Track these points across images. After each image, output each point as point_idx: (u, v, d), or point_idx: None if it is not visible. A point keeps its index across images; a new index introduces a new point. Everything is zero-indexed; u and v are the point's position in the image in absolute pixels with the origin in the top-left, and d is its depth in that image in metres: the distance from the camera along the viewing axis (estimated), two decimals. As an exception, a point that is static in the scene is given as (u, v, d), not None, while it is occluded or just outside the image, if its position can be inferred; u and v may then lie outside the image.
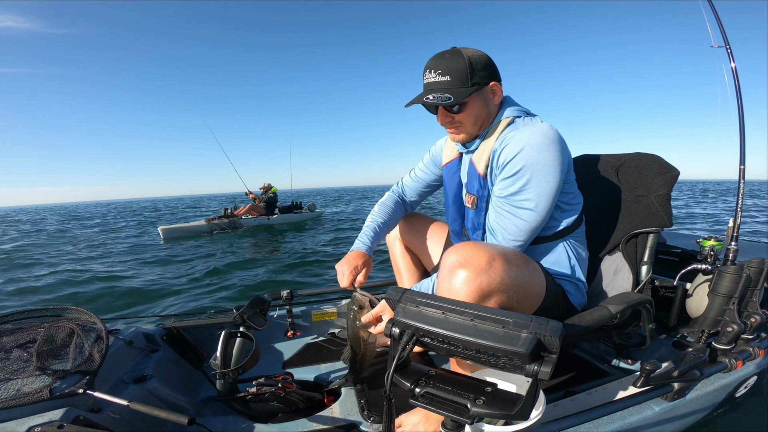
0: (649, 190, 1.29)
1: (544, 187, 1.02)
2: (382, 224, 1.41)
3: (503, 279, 0.88)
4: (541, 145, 1.00)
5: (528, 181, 1.02)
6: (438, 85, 1.07)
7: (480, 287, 0.86)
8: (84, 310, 1.24)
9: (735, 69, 1.37)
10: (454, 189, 1.31)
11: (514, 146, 1.02)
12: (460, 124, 1.14)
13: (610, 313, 1.05)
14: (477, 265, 0.87)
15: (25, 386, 0.99)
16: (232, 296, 4.10)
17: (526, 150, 1.00)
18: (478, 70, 1.07)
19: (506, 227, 1.06)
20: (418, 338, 0.77)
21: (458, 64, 1.05)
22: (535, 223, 1.05)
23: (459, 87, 1.06)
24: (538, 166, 1.01)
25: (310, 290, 1.87)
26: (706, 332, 1.28)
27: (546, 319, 0.68)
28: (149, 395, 1.21)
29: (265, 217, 11.45)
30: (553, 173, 1.02)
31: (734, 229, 1.31)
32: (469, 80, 1.06)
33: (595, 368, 1.39)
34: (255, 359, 1.25)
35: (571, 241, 1.18)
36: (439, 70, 1.06)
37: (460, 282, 0.87)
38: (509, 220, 1.06)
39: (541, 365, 0.67)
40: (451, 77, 1.05)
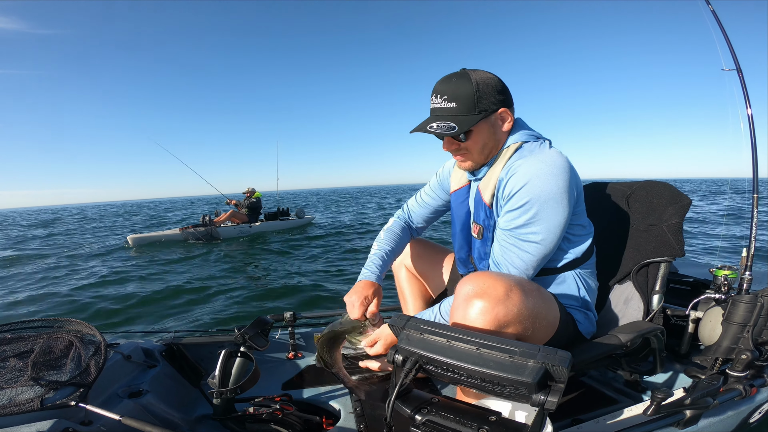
0: (660, 219, 1.27)
1: (552, 220, 0.98)
2: (389, 252, 1.35)
3: (520, 310, 0.86)
4: (549, 176, 0.96)
5: (535, 214, 0.98)
6: (443, 111, 1.03)
7: (497, 318, 0.83)
8: (85, 323, 1.23)
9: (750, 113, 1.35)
10: (462, 217, 1.27)
11: (521, 177, 0.98)
12: (466, 151, 1.09)
13: (620, 342, 1.03)
14: (494, 295, 0.84)
15: (17, 396, 0.98)
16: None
17: (533, 182, 0.96)
18: (486, 96, 1.02)
19: (512, 261, 1.03)
20: (421, 365, 0.75)
21: (465, 89, 1.00)
22: (540, 257, 1.02)
23: (465, 114, 1.01)
24: (545, 199, 0.96)
25: (314, 313, 1.85)
26: (720, 360, 1.25)
27: (554, 349, 0.66)
28: (143, 410, 1.18)
29: (246, 225, 10.41)
30: (561, 205, 0.97)
31: (748, 258, 1.30)
32: (476, 107, 1.01)
33: (604, 395, 1.35)
34: (254, 379, 1.22)
35: (580, 271, 1.15)
36: (446, 95, 1.02)
37: (476, 312, 0.84)
38: (514, 254, 1.02)
39: (548, 395, 0.64)
40: (458, 104, 1.01)
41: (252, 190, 10.99)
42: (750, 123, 1.34)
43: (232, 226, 10.22)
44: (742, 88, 1.38)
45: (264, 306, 4.29)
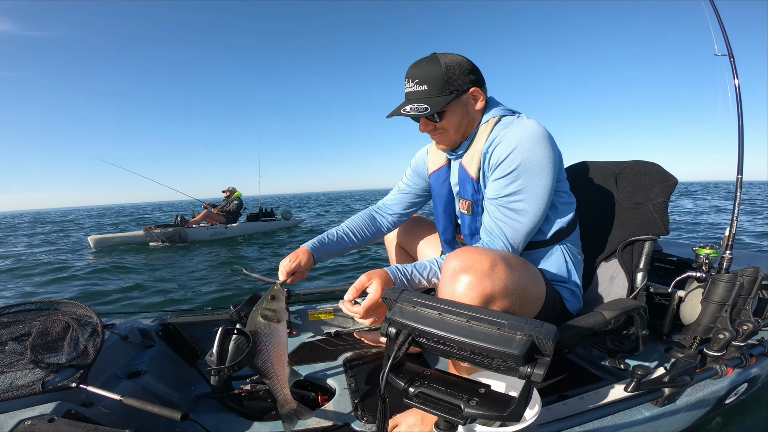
0: (647, 198, 1.30)
1: (539, 186, 1.02)
2: (342, 232, 1.35)
3: (506, 284, 0.88)
4: (533, 143, 1.00)
5: (522, 182, 1.02)
6: (416, 95, 1.07)
7: (483, 292, 0.86)
8: (80, 304, 1.24)
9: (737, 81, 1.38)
10: (444, 197, 1.30)
11: (506, 145, 1.02)
12: (442, 130, 1.13)
13: (604, 319, 1.06)
14: (480, 269, 0.86)
15: (18, 379, 0.99)
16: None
17: (518, 149, 1.00)
18: (456, 77, 1.06)
19: (504, 230, 1.06)
20: (414, 338, 0.77)
21: (435, 72, 1.04)
22: (531, 224, 1.05)
23: (437, 96, 1.05)
24: (531, 165, 1.00)
25: (307, 290, 1.87)
26: (698, 339, 1.29)
27: (540, 322, 0.69)
28: (143, 390, 1.20)
29: (222, 227, 9.45)
30: (546, 172, 1.02)
31: (729, 238, 1.33)
32: (447, 88, 1.05)
33: (588, 373, 1.40)
34: (251, 356, 1.25)
35: (567, 244, 1.18)
36: (417, 79, 1.06)
37: (463, 287, 0.86)
38: (505, 223, 1.06)
39: (534, 367, 0.67)
40: (429, 86, 1.05)
41: (232, 189, 10.14)
42: (737, 97, 1.36)
43: (205, 227, 9.35)
44: (732, 70, 1.41)
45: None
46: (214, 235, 9.37)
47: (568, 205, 1.17)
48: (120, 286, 4.71)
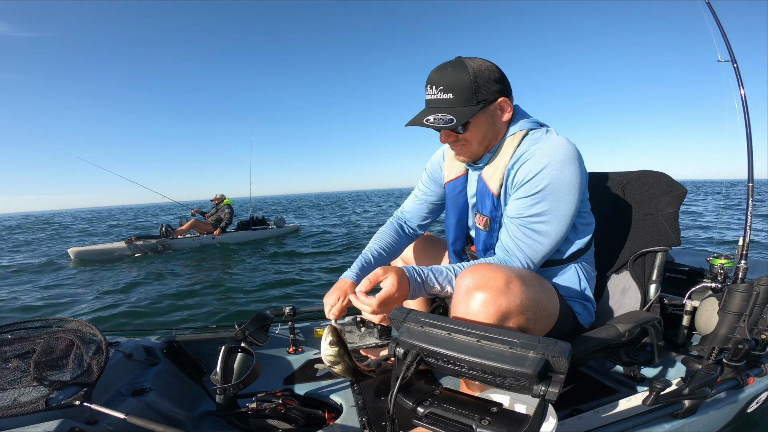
0: (656, 209, 1.28)
1: (564, 209, 0.98)
2: (376, 253, 1.29)
3: (522, 300, 0.85)
4: (564, 164, 0.94)
5: (548, 203, 0.97)
6: (440, 103, 0.98)
7: (499, 309, 0.83)
8: (85, 322, 1.23)
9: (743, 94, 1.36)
10: (459, 208, 1.24)
11: (535, 163, 0.95)
12: (465, 143, 1.05)
13: (618, 332, 1.04)
14: (495, 286, 0.84)
15: (21, 396, 0.98)
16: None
17: (548, 169, 0.94)
18: (484, 85, 0.97)
19: (523, 249, 1.01)
20: (422, 358, 0.75)
21: (462, 79, 0.96)
22: (551, 246, 1.02)
23: (463, 106, 0.97)
24: (559, 187, 0.95)
25: (313, 307, 1.85)
26: (716, 349, 1.26)
27: (554, 340, 0.67)
28: (147, 408, 1.19)
29: (209, 236, 8.91)
30: (573, 194, 0.97)
31: (743, 247, 1.31)
32: (474, 98, 0.97)
33: (603, 386, 1.36)
34: (255, 375, 1.23)
35: (582, 263, 1.15)
36: (441, 86, 0.97)
37: (478, 305, 0.83)
38: (526, 244, 1.01)
39: (548, 386, 0.65)
40: (455, 95, 0.96)
41: (221, 196, 9.55)
42: (744, 107, 1.35)
43: (191, 237, 8.78)
44: (737, 78, 1.39)
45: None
46: (201, 244, 8.78)
47: (587, 225, 1.13)
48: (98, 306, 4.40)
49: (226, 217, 9.35)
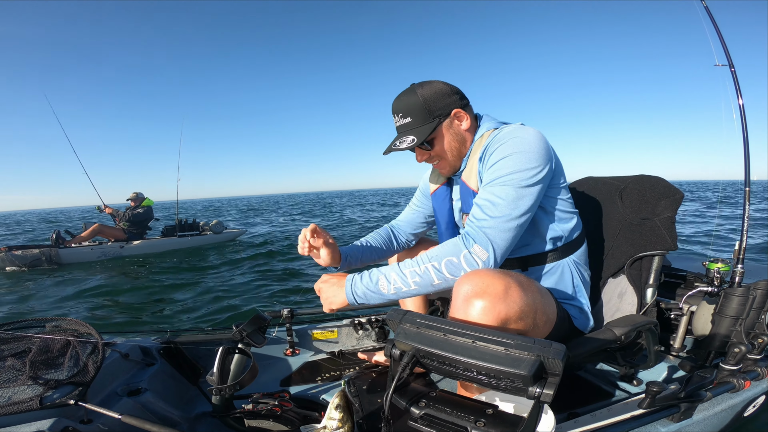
0: (653, 213, 1.28)
1: (533, 169, 0.97)
2: (366, 244, 1.38)
3: (521, 306, 0.86)
4: (529, 134, 1.00)
5: (515, 162, 0.97)
6: (403, 128, 1.11)
7: (498, 316, 0.83)
8: (81, 322, 1.23)
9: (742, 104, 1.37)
10: (446, 215, 1.30)
11: (500, 140, 1.01)
12: (438, 158, 1.15)
13: (614, 336, 1.04)
14: (494, 293, 0.83)
15: (16, 395, 0.98)
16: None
17: (512, 140, 1.00)
18: (434, 102, 1.08)
19: (487, 209, 0.97)
20: (418, 359, 0.75)
21: (413, 102, 1.08)
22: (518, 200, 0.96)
23: (421, 125, 1.08)
24: (524, 149, 0.98)
25: (311, 309, 1.85)
26: (713, 353, 1.27)
27: (549, 342, 0.67)
28: (142, 409, 1.19)
29: (116, 245, 7.26)
30: (539, 157, 0.98)
31: (740, 251, 1.31)
32: (429, 115, 1.08)
33: (599, 389, 1.36)
34: (252, 376, 1.23)
35: (574, 260, 1.16)
36: (400, 112, 1.10)
37: (477, 312, 0.83)
38: (490, 201, 0.98)
39: (543, 387, 0.65)
40: (412, 117, 1.08)
41: (139, 196, 7.80)
42: (742, 115, 1.35)
43: (89, 246, 7.11)
44: (734, 83, 1.40)
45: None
46: (103, 255, 7.11)
47: (570, 215, 1.14)
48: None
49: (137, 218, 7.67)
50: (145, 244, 7.62)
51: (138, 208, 7.71)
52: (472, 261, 0.95)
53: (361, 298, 1.03)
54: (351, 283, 1.05)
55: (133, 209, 7.68)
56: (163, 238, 7.91)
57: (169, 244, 7.89)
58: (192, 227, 8.32)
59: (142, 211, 7.69)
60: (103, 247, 7.15)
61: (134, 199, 7.74)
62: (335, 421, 1.07)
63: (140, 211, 7.66)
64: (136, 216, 7.61)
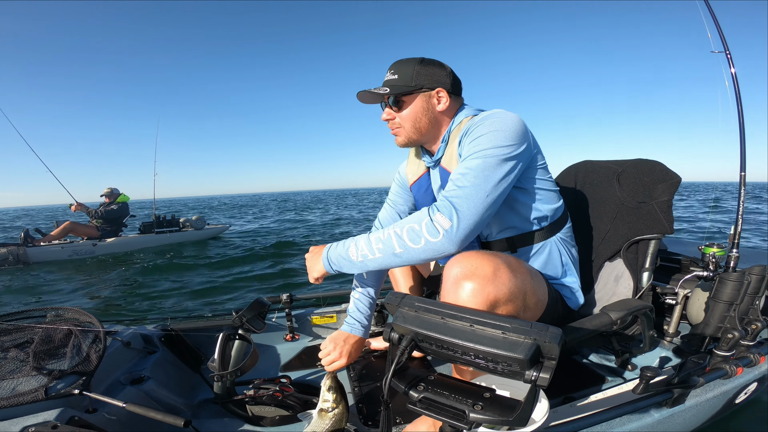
0: (650, 197, 1.28)
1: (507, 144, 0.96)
2: (374, 290, 1.30)
3: (510, 288, 0.86)
4: (507, 116, 1.01)
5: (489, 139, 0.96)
6: (387, 82, 1.12)
7: (488, 298, 0.84)
8: (82, 311, 1.24)
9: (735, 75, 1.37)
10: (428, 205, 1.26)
11: (479, 120, 1.02)
12: (399, 125, 1.15)
13: (610, 320, 1.05)
14: (483, 275, 0.84)
15: (20, 386, 0.99)
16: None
17: (490, 119, 1.00)
18: (425, 73, 1.10)
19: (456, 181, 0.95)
20: (416, 343, 0.76)
21: (408, 65, 1.10)
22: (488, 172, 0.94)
23: (401, 84, 1.10)
24: (501, 128, 0.97)
25: (310, 294, 1.86)
26: (707, 339, 1.28)
27: (545, 325, 0.67)
28: (146, 397, 1.20)
29: (89, 243, 6.89)
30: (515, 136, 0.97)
31: (735, 236, 1.32)
32: (413, 80, 1.09)
33: (594, 374, 1.38)
34: (253, 362, 1.24)
35: (561, 237, 1.15)
36: (392, 69, 1.12)
37: (467, 294, 0.84)
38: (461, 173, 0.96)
39: (540, 371, 0.66)
40: (399, 76, 1.10)
41: (114, 191, 7.37)
42: (737, 97, 1.35)
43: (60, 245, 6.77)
44: (730, 69, 1.39)
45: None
46: (74, 254, 6.76)
47: (551, 193, 1.12)
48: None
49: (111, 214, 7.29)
50: (120, 241, 7.27)
51: (112, 204, 7.34)
52: (432, 228, 0.91)
53: (335, 264, 1.06)
54: (327, 251, 1.09)
55: (107, 205, 7.31)
56: (140, 235, 7.66)
57: (146, 241, 7.58)
58: (171, 223, 8.01)
59: (116, 207, 7.32)
60: (75, 245, 6.80)
61: (108, 195, 7.35)
62: (329, 403, 1.08)
63: (114, 208, 7.30)
64: (110, 213, 7.26)
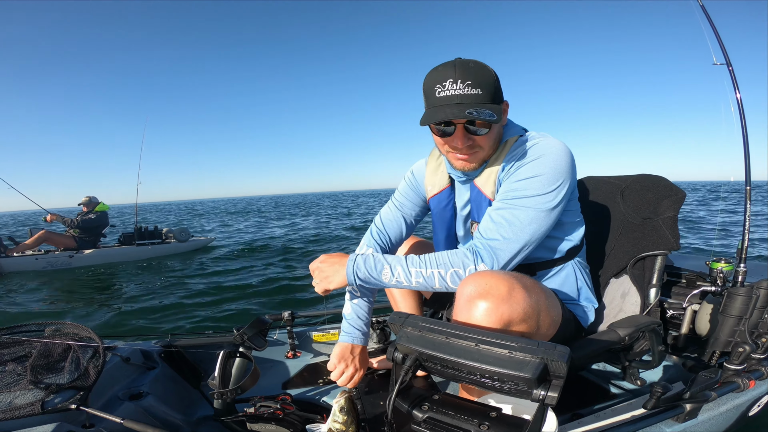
0: (655, 213, 1.28)
1: (553, 191, 0.94)
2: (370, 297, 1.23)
3: (524, 308, 0.84)
4: (560, 153, 0.94)
5: (538, 184, 0.93)
6: (470, 98, 0.90)
7: (501, 317, 0.82)
8: (82, 326, 1.23)
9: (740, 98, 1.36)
10: (447, 222, 1.21)
11: (529, 154, 0.96)
12: (479, 149, 0.99)
13: (618, 337, 1.04)
14: (497, 294, 0.82)
15: (17, 399, 0.98)
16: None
17: (545, 157, 0.94)
18: (499, 86, 0.96)
19: (500, 228, 0.94)
20: (421, 363, 0.75)
21: (489, 76, 0.92)
22: (532, 224, 0.93)
23: (491, 103, 0.92)
24: (549, 172, 0.93)
25: (312, 312, 1.85)
26: (717, 353, 1.26)
27: (553, 344, 0.66)
28: (144, 413, 1.18)
29: (65, 254, 6.50)
30: (565, 174, 0.94)
31: (742, 251, 1.31)
32: (497, 97, 0.94)
33: (603, 390, 1.36)
34: (254, 379, 1.22)
35: (578, 260, 1.15)
36: (469, 81, 0.89)
37: (481, 313, 0.82)
38: (505, 219, 0.94)
39: (548, 390, 0.65)
40: (483, 91, 0.90)
41: (92, 200, 6.98)
42: (740, 112, 1.35)
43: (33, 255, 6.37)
44: (732, 81, 1.40)
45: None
46: (49, 265, 6.38)
47: (578, 224, 1.13)
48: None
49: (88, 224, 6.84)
50: (98, 253, 6.82)
51: (90, 213, 6.89)
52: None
53: (361, 280, 1.02)
54: (353, 263, 1.01)
55: (85, 214, 6.86)
56: (119, 246, 7.21)
57: (126, 253, 7.08)
58: (153, 235, 7.50)
59: (94, 216, 6.87)
60: (50, 256, 6.41)
61: (86, 204, 6.93)
62: (339, 424, 1.06)
63: (92, 217, 6.85)
64: (87, 222, 6.81)
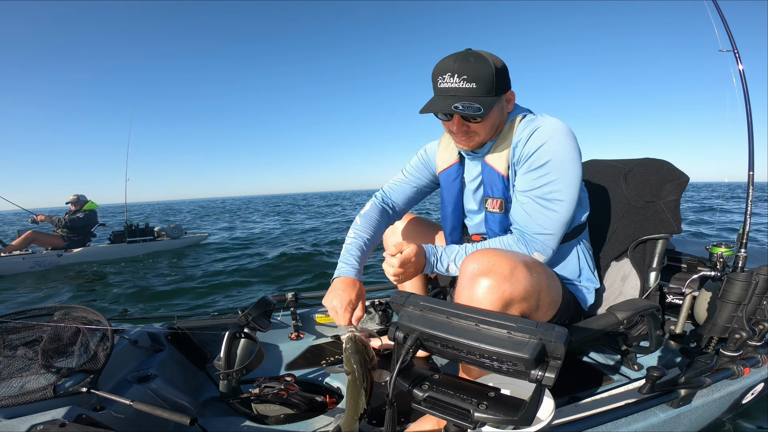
0: (658, 196, 1.27)
1: (571, 177, 1.01)
2: (368, 240, 1.23)
3: (525, 287, 0.87)
4: (563, 136, 1.01)
5: (556, 173, 1.00)
6: (463, 92, 0.99)
7: (503, 295, 0.84)
8: (90, 310, 1.25)
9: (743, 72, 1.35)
10: (455, 196, 1.26)
11: (537, 139, 1.01)
12: (474, 134, 1.08)
13: (617, 320, 1.05)
14: (500, 272, 0.85)
15: (29, 384, 0.99)
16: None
17: (549, 143, 1.00)
18: (500, 79, 1.02)
19: (540, 221, 1.03)
20: (422, 342, 0.76)
21: (486, 71, 0.99)
22: (567, 214, 1.03)
23: (484, 96, 1.00)
24: (563, 158, 1.00)
25: (315, 293, 1.87)
26: (714, 339, 1.27)
27: (551, 325, 0.67)
28: (152, 395, 1.21)
29: (53, 254, 6.37)
30: (576, 161, 1.02)
31: (743, 236, 1.31)
32: (494, 89, 1.01)
33: (601, 374, 1.38)
34: (258, 360, 1.25)
35: (581, 240, 1.17)
36: (465, 75, 0.98)
37: (483, 290, 0.85)
38: (542, 213, 1.02)
39: (545, 371, 0.66)
40: (477, 85, 0.99)
41: (80, 198, 6.83)
42: (745, 96, 1.34)
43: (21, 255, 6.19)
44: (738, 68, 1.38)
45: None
46: (37, 265, 6.24)
47: (582, 203, 1.16)
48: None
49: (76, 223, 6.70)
50: (87, 251, 6.71)
51: (78, 212, 6.76)
52: None
53: (439, 270, 1.09)
54: (438, 258, 1.08)
55: (73, 213, 6.74)
56: (110, 244, 7.11)
57: (116, 251, 6.99)
58: (144, 232, 7.42)
59: (82, 215, 6.75)
60: (37, 255, 6.26)
61: (74, 203, 6.79)
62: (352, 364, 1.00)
63: (80, 216, 6.73)
64: (75, 221, 6.68)
